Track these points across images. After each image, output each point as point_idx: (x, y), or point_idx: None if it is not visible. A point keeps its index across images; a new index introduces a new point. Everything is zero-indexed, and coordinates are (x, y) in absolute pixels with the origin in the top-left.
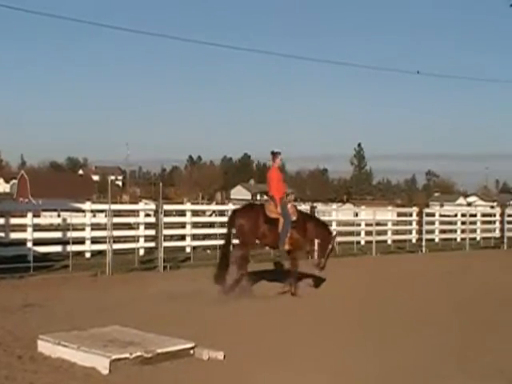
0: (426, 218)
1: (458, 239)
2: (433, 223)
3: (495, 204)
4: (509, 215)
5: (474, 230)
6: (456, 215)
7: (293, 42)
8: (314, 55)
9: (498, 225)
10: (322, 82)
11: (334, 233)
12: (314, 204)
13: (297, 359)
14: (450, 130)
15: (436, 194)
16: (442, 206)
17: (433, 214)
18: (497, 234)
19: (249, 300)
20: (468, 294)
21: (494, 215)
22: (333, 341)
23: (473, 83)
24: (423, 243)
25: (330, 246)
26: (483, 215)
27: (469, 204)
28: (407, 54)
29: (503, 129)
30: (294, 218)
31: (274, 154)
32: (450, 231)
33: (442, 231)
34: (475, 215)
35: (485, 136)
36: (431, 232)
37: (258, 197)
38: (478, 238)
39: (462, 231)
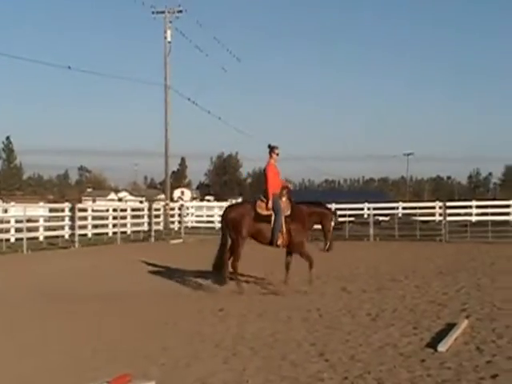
0: (78, 214)
1: (110, 233)
2: (85, 218)
3: (144, 199)
4: (156, 209)
5: (125, 225)
6: (108, 210)
7: None
8: None
9: (146, 219)
10: None
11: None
12: None
13: None
14: (100, 126)
15: (89, 190)
16: (94, 201)
17: (85, 210)
18: (145, 227)
19: None
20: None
21: (143, 210)
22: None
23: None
24: (76, 238)
25: (333, 224)
26: (133, 210)
27: (120, 199)
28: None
29: (149, 126)
30: (288, 213)
31: (271, 149)
32: (102, 226)
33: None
34: (126, 210)
35: (133, 132)
36: (84, 227)
37: None
38: (129, 232)
39: (114, 225)
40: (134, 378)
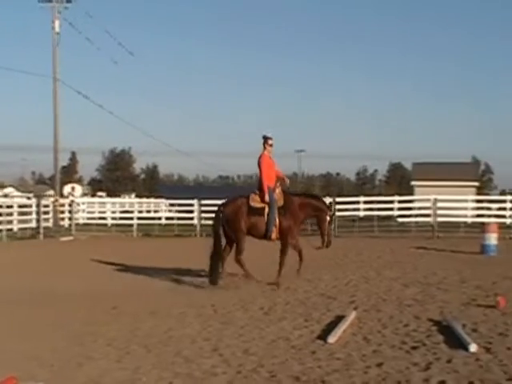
0: None
1: None
2: None
3: (32, 195)
4: (45, 206)
5: (11, 221)
6: None
7: None
8: None
9: (34, 215)
10: None
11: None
12: None
13: None
14: None
15: None
16: None
17: None
18: (33, 224)
19: None
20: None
21: (31, 206)
22: None
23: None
24: None
25: (328, 219)
26: (20, 206)
27: (5, 195)
28: None
29: (38, 120)
30: (281, 204)
31: (265, 140)
32: None
33: None
34: (12, 206)
35: (21, 126)
36: None
37: None
38: (15, 229)
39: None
40: (22, 381)
